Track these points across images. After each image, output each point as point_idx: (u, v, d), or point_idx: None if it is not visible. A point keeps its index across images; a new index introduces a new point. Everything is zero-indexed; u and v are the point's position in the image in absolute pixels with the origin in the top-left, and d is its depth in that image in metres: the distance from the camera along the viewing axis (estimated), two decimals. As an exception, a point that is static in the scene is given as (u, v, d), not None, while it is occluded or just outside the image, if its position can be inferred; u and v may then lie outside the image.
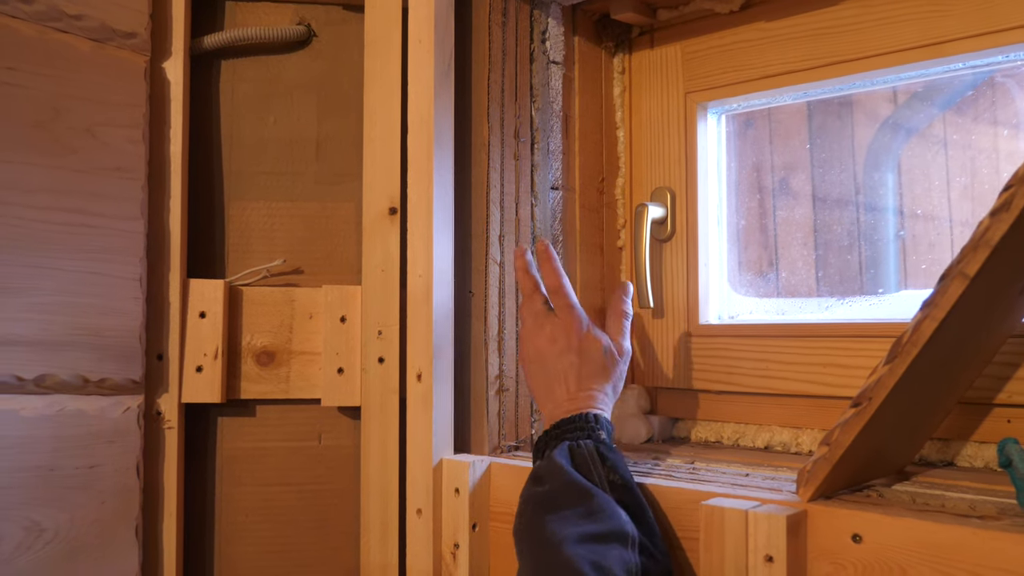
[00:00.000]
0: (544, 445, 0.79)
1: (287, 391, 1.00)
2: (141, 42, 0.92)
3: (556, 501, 0.72)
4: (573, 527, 0.68)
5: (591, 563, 0.65)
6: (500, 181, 1.01)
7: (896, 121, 1.05)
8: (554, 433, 0.79)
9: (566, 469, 0.73)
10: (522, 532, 0.73)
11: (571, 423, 0.78)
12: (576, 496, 0.71)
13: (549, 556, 0.67)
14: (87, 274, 0.88)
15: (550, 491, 0.73)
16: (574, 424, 0.78)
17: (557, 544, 0.67)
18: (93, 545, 0.87)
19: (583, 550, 0.66)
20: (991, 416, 0.84)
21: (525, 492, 0.76)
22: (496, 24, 1.01)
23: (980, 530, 0.60)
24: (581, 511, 0.70)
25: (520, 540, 0.73)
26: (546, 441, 0.79)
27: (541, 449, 0.80)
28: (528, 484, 0.77)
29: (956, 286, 0.61)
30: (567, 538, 0.67)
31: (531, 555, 0.71)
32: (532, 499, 0.74)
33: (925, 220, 1.02)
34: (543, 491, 0.73)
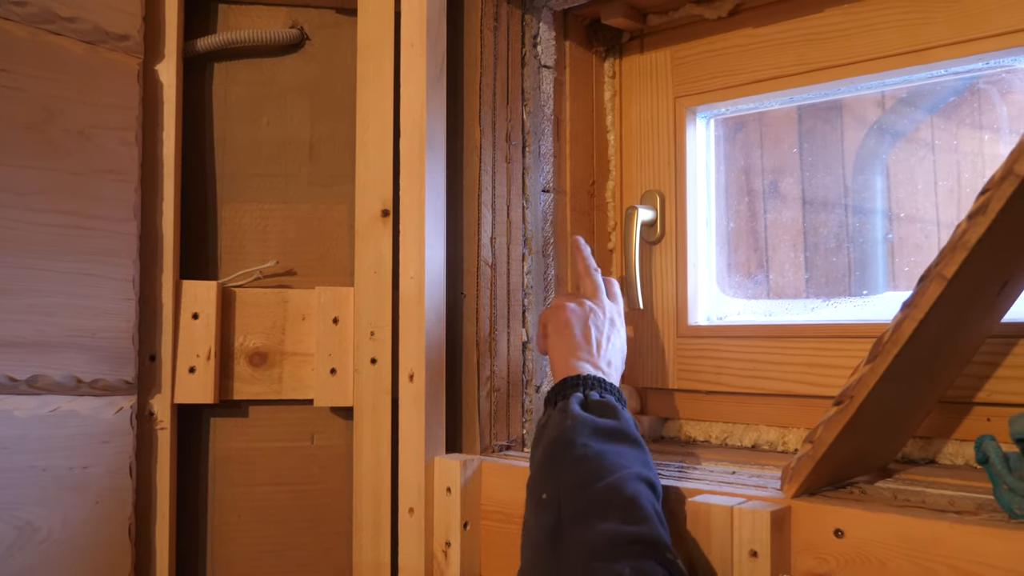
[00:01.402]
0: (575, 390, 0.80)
1: (280, 392, 1.01)
2: (134, 44, 0.93)
3: (619, 436, 0.74)
4: (635, 465, 0.71)
5: (651, 503, 0.68)
6: (492, 184, 1.02)
7: (884, 125, 1.07)
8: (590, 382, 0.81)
9: (626, 416, 0.77)
10: (568, 445, 0.72)
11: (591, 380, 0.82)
12: (634, 440, 0.75)
13: (610, 476, 0.68)
14: (80, 275, 0.88)
15: (613, 427, 0.74)
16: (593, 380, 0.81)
17: (623, 475, 0.68)
18: (86, 545, 0.87)
19: (643, 488, 0.69)
20: (971, 414, 0.85)
21: (572, 414, 0.75)
22: (488, 28, 1.03)
23: (958, 524, 0.62)
24: (637, 454, 0.73)
25: (560, 450, 0.72)
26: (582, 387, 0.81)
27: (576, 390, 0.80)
28: (573, 408, 0.76)
29: (935, 287, 0.62)
30: (631, 473, 0.69)
31: (579, 467, 0.70)
32: (587, 424, 0.73)
33: (912, 223, 1.03)
34: (607, 424, 0.74)
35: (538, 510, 0.70)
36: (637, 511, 0.65)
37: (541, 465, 0.73)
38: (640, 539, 0.63)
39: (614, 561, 0.61)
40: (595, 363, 0.85)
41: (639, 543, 0.63)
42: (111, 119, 0.91)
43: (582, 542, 0.64)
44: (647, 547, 0.63)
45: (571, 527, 0.66)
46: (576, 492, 0.68)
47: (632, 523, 0.64)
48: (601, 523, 0.64)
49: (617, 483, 0.68)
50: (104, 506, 0.89)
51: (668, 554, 0.63)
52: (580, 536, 0.64)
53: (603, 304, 0.92)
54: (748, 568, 0.68)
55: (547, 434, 0.75)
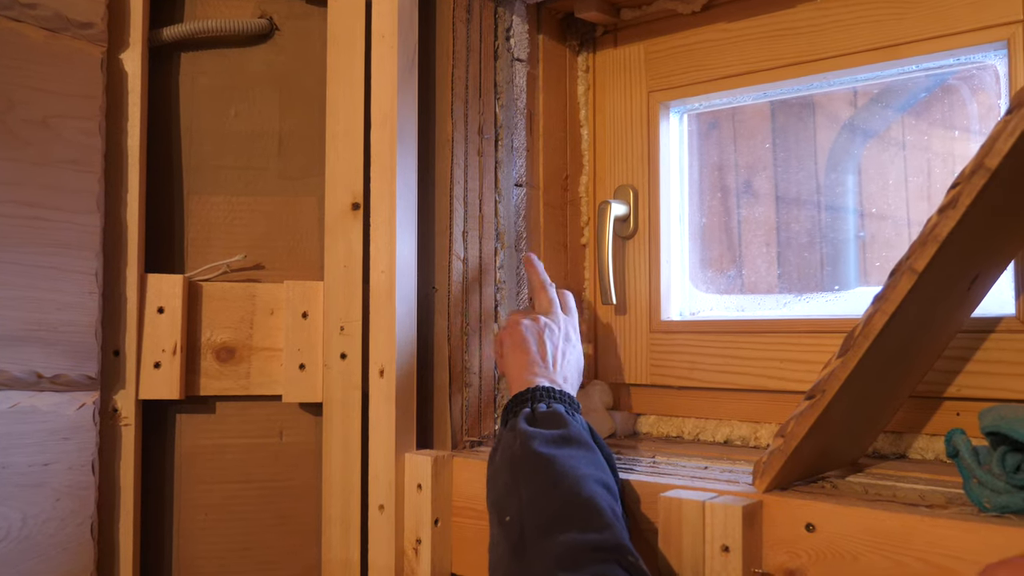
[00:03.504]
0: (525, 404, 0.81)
1: (248, 387, 0.99)
2: (98, 32, 0.90)
3: (569, 441, 0.74)
4: (587, 467, 0.72)
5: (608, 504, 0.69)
6: (464, 177, 1.01)
7: (856, 123, 1.07)
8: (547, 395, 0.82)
9: (575, 422, 0.78)
10: (521, 460, 0.73)
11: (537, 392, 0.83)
12: (585, 443, 0.75)
13: (565, 483, 0.69)
14: (41, 268, 0.86)
15: (561, 435, 0.75)
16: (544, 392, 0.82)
17: (577, 478, 0.70)
18: (46, 544, 0.85)
19: (599, 489, 0.70)
20: (941, 409, 0.86)
21: (520, 431, 0.76)
22: (460, 21, 1.02)
23: (928, 518, 0.62)
24: (589, 457, 0.74)
25: (515, 467, 0.73)
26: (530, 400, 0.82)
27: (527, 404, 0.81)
28: (521, 425, 0.77)
29: (905, 281, 0.62)
30: (585, 475, 0.70)
31: (534, 480, 0.71)
32: (536, 436, 0.74)
33: (884, 220, 1.04)
34: (555, 433, 0.75)
35: (503, 530, 0.70)
36: (596, 517, 0.66)
37: (501, 486, 0.74)
38: (602, 546, 0.64)
39: (578, 570, 0.62)
40: (551, 378, 0.86)
41: (601, 549, 0.64)
42: (74, 109, 0.89)
43: (546, 554, 0.64)
44: (609, 552, 0.64)
45: (534, 541, 0.66)
46: (535, 504, 0.69)
47: (593, 530, 0.65)
48: (562, 534, 0.65)
49: (572, 489, 0.69)
50: (65, 504, 0.87)
51: (630, 557, 0.64)
52: (543, 549, 0.65)
53: (558, 319, 0.93)
54: (720, 563, 0.68)
55: (500, 455, 0.77)
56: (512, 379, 0.86)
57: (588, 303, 1.15)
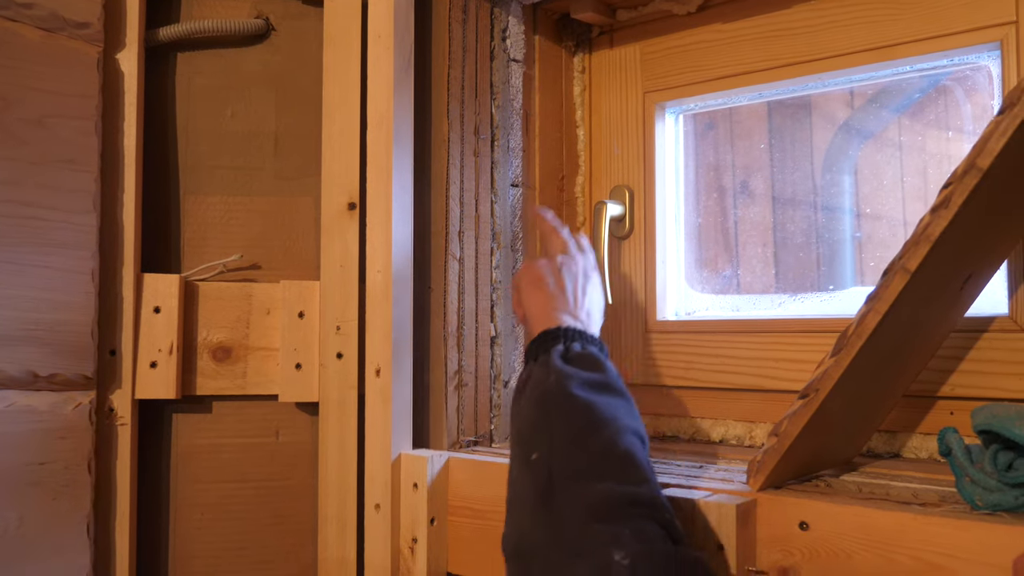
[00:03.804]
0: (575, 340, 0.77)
1: (244, 387, 0.99)
2: (94, 32, 0.91)
3: (607, 388, 0.71)
4: (626, 418, 0.68)
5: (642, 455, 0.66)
6: (460, 178, 1.01)
7: (852, 124, 1.08)
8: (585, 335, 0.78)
9: (611, 368, 0.74)
10: (555, 399, 0.69)
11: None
12: (621, 392, 0.72)
13: (604, 431, 0.66)
14: (37, 268, 0.86)
15: (600, 380, 0.71)
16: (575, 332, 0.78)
17: (616, 428, 0.66)
18: (43, 543, 0.85)
19: (636, 442, 0.67)
20: (935, 408, 0.86)
21: (555, 368, 0.72)
22: (456, 21, 1.02)
23: (921, 516, 0.62)
24: (627, 407, 0.71)
25: (547, 405, 0.69)
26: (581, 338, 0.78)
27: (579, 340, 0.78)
28: (555, 362, 0.73)
29: (898, 280, 0.62)
30: (625, 426, 0.67)
31: (569, 422, 0.67)
32: (573, 377, 0.70)
33: (879, 220, 1.04)
34: (593, 376, 0.71)
35: (527, 469, 0.66)
36: (633, 470, 0.63)
37: (529, 423, 0.69)
38: (638, 500, 0.61)
39: (613, 523, 0.59)
40: (574, 314, 0.81)
41: (638, 504, 0.60)
42: (70, 108, 0.89)
43: (578, 502, 0.61)
44: (645, 507, 0.60)
45: (565, 486, 0.63)
46: (568, 449, 0.65)
47: (630, 483, 0.62)
48: (597, 483, 0.62)
49: (611, 439, 0.65)
50: (61, 503, 0.87)
51: (666, 514, 0.61)
52: (575, 496, 0.61)
53: (575, 257, 0.88)
54: (714, 561, 0.68)
55: (531, 390, 0.72)
56: (533, 318, 0.81)
57: (584, 303, 1.15)
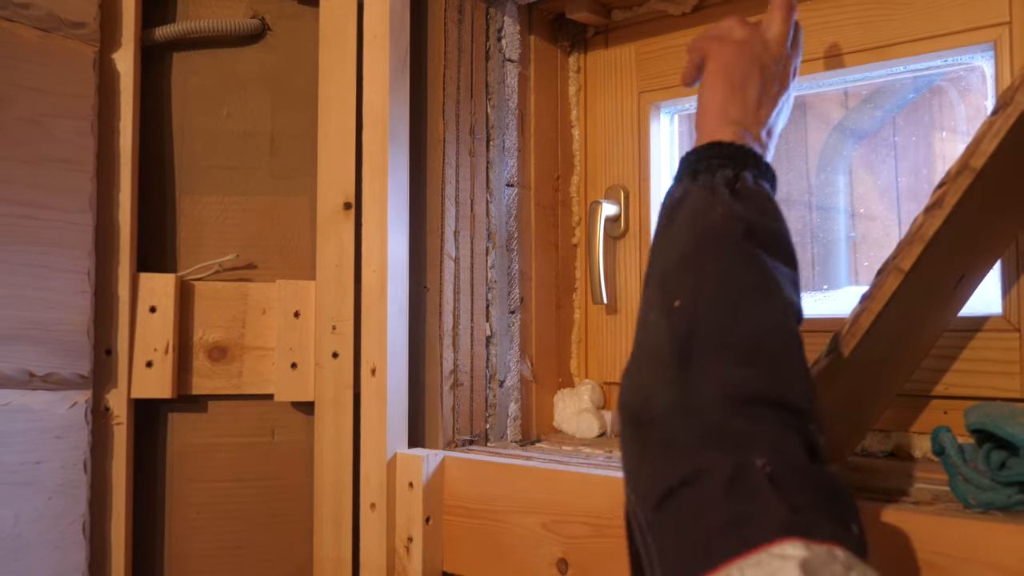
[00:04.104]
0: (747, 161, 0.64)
1: (240, 386, 0.99)
2: (90, 32, 0.91)
3: (781, 251, 0.60)
4: (795, 295, 0.59)
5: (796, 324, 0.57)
6: (455, 177, 1.01)
7: (847, 124, 1.08)
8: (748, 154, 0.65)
9: (786, 222, 0.63)
10: (719, 241, 0.58)
11: None
12: (793, 259, 0.62)
13: (771, 304, 0.56)
14: (33, 267, 0.86)
15: (777, 235, 0.60)
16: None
17: (786, 306, 0.56)
18: (38, 542, 0.85)
19: (797, 331, 0.57)
20: (929, 408, 0.86)
21: (723, 200, 0.60)
22: (452, 21, 1.02)
23: (914, 514, 0.62)
24: (794, 281, 0.61)
25: (707, 245, 0.58)
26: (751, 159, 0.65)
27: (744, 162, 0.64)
28: (723, 192, 0.61)
29: (892, 280, 0.63)
30: (793, 305, 0.57)
31: (731, 276, 0.56)
32: (749, 222, 0.59)
33: (875, 220, 1.04)
34: (768, 225, 0.60)
35: (665, 316, 0.56)
36: (790, 364, 0.54)
37: (680, 261, 0.58)
38: (787, 403, 0.51)
39: (753, 421, 0.50)
40: (755, 131, 0.68)
41: (785, 407, 0.51)
42: (66, 108, 0.89)
43: (717, 383, 0.52)
44: (792, 414, 0.51)
45: (706, 353, 0.53)
46: (721, 311, 0.55)
47: (780, 379, 0.53)
48: (744, 366, 0.52)
49: (772, 316, 0.55)
50: (57, 502, 0.87)
51: (811, 426, 0.52)
52: (716, 371, 0.52)
53: (784, 49, 0.74)
54: (708, 560, 0.68)
55: (686, 217, 0.60)
56: (705, 119, 0.68)
57: (579, 303, 1.16)
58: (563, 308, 1.14)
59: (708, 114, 0.68)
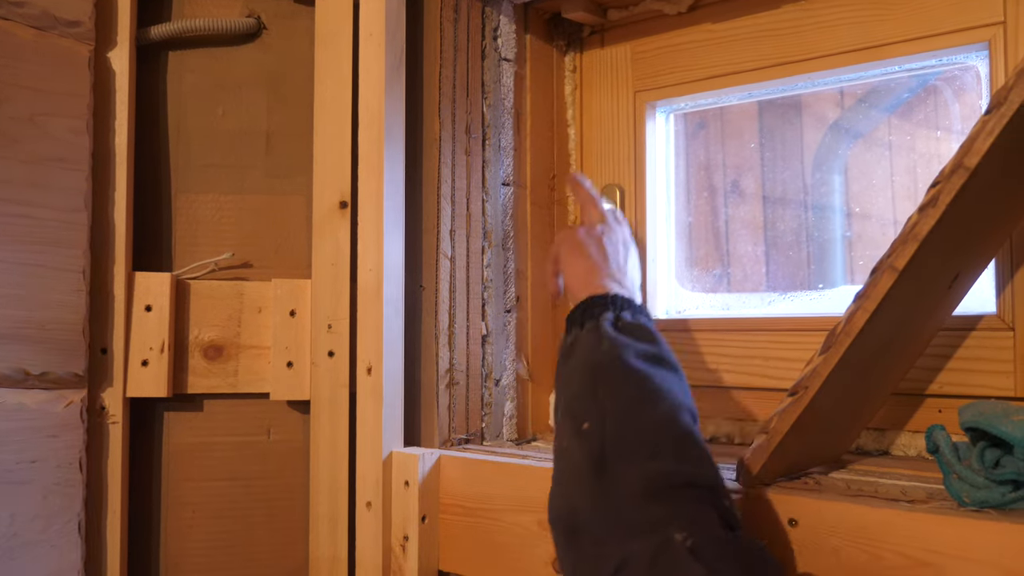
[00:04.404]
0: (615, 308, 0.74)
1: (235, 385, 0.99)
2: (85, 31, 0.90)
3: (662, 362, 0.68)
4: (683, 396, 0.66)
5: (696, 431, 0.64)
6: (451, 176, 1.01)
7: (842, 124, 1.08)
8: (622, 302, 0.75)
9: (664, 341, 0.72)
10: (608, 367, 0.66)
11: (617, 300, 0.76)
12: (676, 367, 0.70)
13: (661, 405, 0.64)
14: (29, 266, 0.86)
15: (654, 352, 0.69)
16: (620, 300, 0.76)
17: (674, 404, 0.64)
18: (34, 541, 0.85)
19: (693, 423, 0.64)
20: (924, 406, 0.87)
21: (607, 335, 0.69)
22: (448, 20, 1.02)
23: (908, 512, 0.62)
24: (682, 385, 0.68)
25: (599, 372, 0.66)
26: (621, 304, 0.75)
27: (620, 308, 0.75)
28: (607, 330, 0.70)
29: (886, 279, 0.63)
30: (680, 404, 0.64)
31: (623, 392, 0.65)
32: (628, 346, 0.68)
33: (870, 219, 1.05)
34: (647, 348, 0.69)
35: (578, 440, 0.63)
36: (692, 449, 0.61)
37: (580, 392, 0.66)
38: (697, 482, 0.58)
39: (670, 503, 0.56)
40: (622, 282, 0.78)
41: (696, 486, 0.58)
42: (61, 107, 0.89)
43: (633, 479, 0.58)
44: (704, 490, 0.58)
45: (619, 461, 0.60)
46: (623, 422, 0.62)
47: (687, 462, 0.59)
48: (653, 460, 0.59)
49: (668, 414, 0.62)
50: (53, 501, 0.87)
51: (725, 501, 0.59)
52: (631, 472, 0.59)
53: (614, 227, 0.87)
54: (703, 558, 0.68)
55: (580, 356, 0.69)
56: (576, 284, 0.78)
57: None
58: (559, 307, 1.15)
59: (578, 281, 0.79)
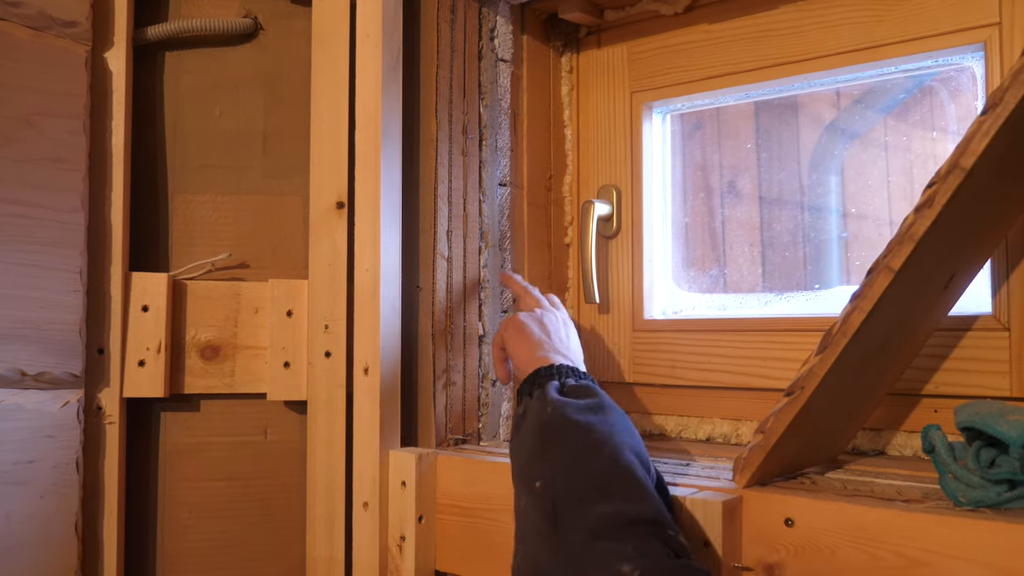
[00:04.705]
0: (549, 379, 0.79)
1: (232, 385, 0.99)
2: (82, 31, 0.90)
3: (603, 408, 0.73)
4: (623, 435, 0.70)
5: (643, 470, 0.67)
6: (448, 177, 1.01)
7: (838, 125, 1.08)
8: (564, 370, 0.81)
9: (604, 393, 0.77)
10: (552, 426, 0.71)
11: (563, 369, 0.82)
12: (617, 410, 0.74)
13: (603, 451, 0.68)
14: (25, 266, 0.86)
15: (595, 403, 0.73)
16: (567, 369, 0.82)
17: (614, 446, 0.68)
18: (31, 542, 0.85)
19: (635, 459, 0.68)
20: (919, 406, 0.87)
21: (552, 399, 0.74)
22: (444, 21, 1.02)
23: (904, 512, 0.63)
24: (623, 424, 0.72)
25: (545, 433, 0.71)
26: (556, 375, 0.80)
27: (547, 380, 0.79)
28: (552, 395, 0.75)
29: (883, 279, 0.63)
30: (622, 443, 0.68)
31: (568, 447, 0.69)
32: (570, 404, 0.73)
33: (866, 220, 1.05)
34: (589, 402, 0.74)
35: (533, 499, 0.68)
36: (634, 488, 0.65)
37: (530, 454, 0.71)
38: (641, 518, 0.62)
39: (617, 540, 0.60)
40: (565, 355, 0.84)
41: (640, 522, 0.62)
42: (58, 107, 0.89)
43: (583, 525, 0.62)
44: (648, 525, 0.62)
45: (570, 510, 0.64)
46: (570, 473, 0.67)
47: (631, 501, 0.63)
48: (599, 504, 0.63)
49: (610, 458, 0.67)
50: (49, 501, 0.86)
51: (670, 531, 0.62)
52: (580, 519, 0.63)
53: (550, 310, 0.94)
54: (700, 558, 0.68)
55: (530, 422, 0.74)
56: (523, 362, 0.83)
57: (571, 302, 1.16)
58: (556, 307, 1.15)
59: (525, 358, 0.84)
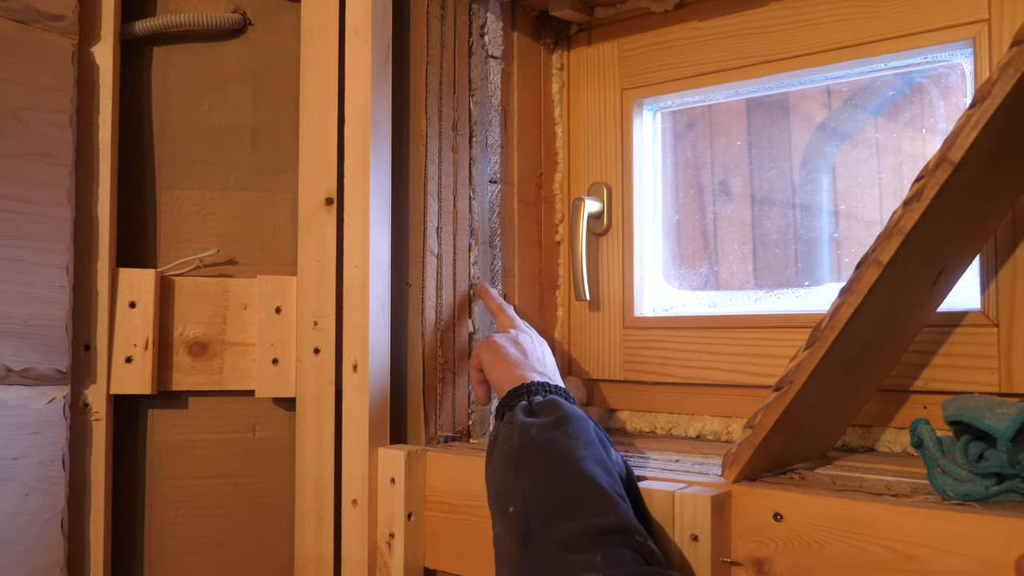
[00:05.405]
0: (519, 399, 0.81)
1: (220, 382, 0.98)
2: (69, 25, 0.90)
3: (565, 421, 0.74)
4: (585, 448, 0.71)
5: (609, 486, 0.68)
6: (438, 173, 1.01)
7: (829, 124, 1.08)
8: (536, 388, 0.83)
9: (569, 404, 0.78)
10: (519, 451, 0.73)
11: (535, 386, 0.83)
12: (579, 419, 0.76)
13: (567, 467, 0.69)
14: (10, 261, 0.85)
15: (557, 419, 0.74)
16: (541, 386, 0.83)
17: (577, 460, 0.69)
18: (15, 539, 0.84)
19: (599, 470, 0.69)
20: (909, 403, 0.87)
21: (518, 423, 0.75)
22: (434, 17, 1.02)
23: (893, 506, 0.63)
24: (585, 437, 0.73)
25: (513, 458, 0.73)
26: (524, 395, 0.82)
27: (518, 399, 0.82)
28: (519, 417, 0.76)
29: (871, 273, 0.63)
30: (584, 457, 0.70)
31: (535, 468, 0.70)
32: (534, 425, 0.74)
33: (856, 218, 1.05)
34: (551, 419, 0.75)
35: (507, 523, 0.70)
36: (599, 500, 0.66)
37: (502, 480, 0.73)
38: (608, 529, 0.64)
39: (586, 553, 0.62)
40: (540, 371, 0.86)
41: (608, 532, 0.64)
42: (45, 101, 0.88)
43: (554, 542, 0.64)
44: (615, 535, 0.63)
45: (540, 529, 0.66)
46: (539, 495, 0.68)
47: (598, 514, 0.65)
48: (567, 520, 0.65)
49: (575, 473, 0.68)
50: (34, 498, 0.86)
51: (638, 537, 0.64)
52: (550, 536, 0.65)
53: (526, 329, 0.96)
54: (689, 552, 0.68)
55: (500, 448, 0.76)
56: (500, 383, 0.85)
57: (562, 299, 1.16)
58: (546, 305, 1.14)
59: (502, 378, 0.85)
